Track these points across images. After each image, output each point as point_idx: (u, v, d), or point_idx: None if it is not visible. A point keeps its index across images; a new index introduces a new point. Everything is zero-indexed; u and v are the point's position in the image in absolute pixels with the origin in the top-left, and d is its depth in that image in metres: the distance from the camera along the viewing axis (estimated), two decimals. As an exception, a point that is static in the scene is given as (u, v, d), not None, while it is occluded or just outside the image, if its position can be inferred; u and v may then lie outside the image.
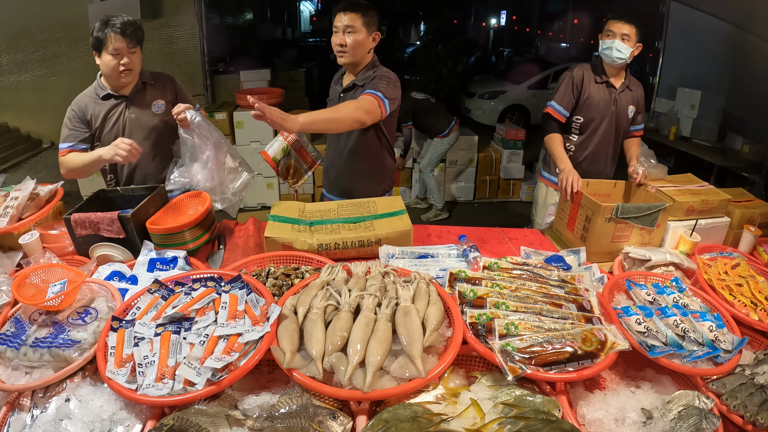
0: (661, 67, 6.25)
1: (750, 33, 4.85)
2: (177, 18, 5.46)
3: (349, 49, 1.83)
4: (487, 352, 1.07)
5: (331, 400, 1.03)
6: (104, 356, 1.06)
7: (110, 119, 1.86)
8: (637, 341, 1.15)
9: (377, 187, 2.05)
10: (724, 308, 1.35)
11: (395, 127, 2.05)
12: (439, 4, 10.07)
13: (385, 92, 1.76)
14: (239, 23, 8.96)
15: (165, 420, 0.93)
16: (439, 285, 1.28)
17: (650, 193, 1.86)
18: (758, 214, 1.84)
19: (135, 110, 1.89)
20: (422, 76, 7.65)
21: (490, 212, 5.01)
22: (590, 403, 1.07)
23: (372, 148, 1.97)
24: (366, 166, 2.01)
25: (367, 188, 2.01)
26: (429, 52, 8.23)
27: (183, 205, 1.78)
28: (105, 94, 1.85)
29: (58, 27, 5.48)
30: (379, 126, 1.90)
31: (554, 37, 14.35)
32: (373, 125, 1.85)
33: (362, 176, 2.02)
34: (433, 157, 4.52)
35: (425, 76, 7.61)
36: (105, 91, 1.86)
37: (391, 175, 2.11)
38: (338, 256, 1.63)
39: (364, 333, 1.06)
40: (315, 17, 16.88)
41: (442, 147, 4.47)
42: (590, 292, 1.30)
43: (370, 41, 1.87)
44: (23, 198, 1.64)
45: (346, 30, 1.81)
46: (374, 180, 2.04)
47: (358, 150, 1.97)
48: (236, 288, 1.21)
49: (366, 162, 2.00)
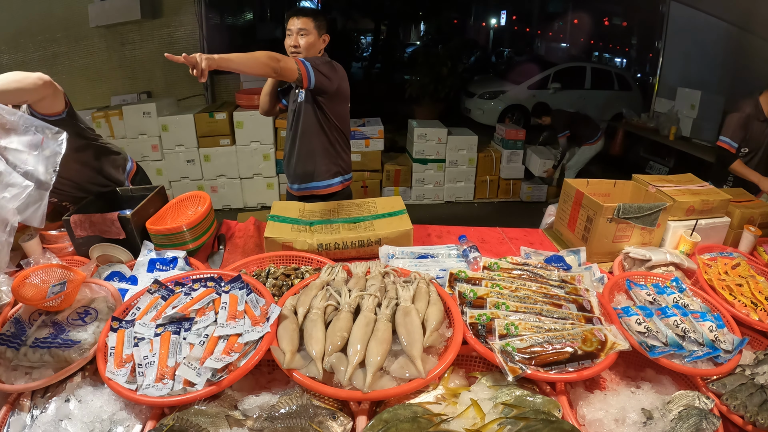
0: (661, 67, 6.25)
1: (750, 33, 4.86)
2: (177, 18, 5.45)
3: (302, 50, 1.99)
4: (487, 352, 1.07)
5: (331, 401, 1.03)
6: (104, 356, 1.06)
7: None
8: (637, 341, 1.15)
9: (330, 168, 2.19)
10: (724, 308, 1.35)
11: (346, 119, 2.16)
12: (439, 4, 10.04)
13: (314, 63, 1.88)
14: (239, 23, 8.95)
15: (165, 420, 0.93)
16: (439, 285, 1.28)
17: (650, 193, 1.86)
18: (758, 214, 1.84)
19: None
20: (422, 76, 7.64)
21: (490, 212, 5.01)
22: (590, 403, 1.07)
23: (319, 129, 2.09)
24: (315, 147, 2.13)
25: (320, 169, 2.17)
26: (429, 52, 8.21)
27: (183, 205, 1.78)
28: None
29: (58, 27, 5.47)
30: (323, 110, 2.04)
31: (554, 37, 14.33)
32: (319, 109, 2.02)
33: (314, 156, 2.15)
34: (579, 161, 5.01)
35: (425, 76, 7.60)
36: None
37: (345, 159, 2.23)
38: (338, 256, 1.63)
39: (364, 333, 1.06)
40: (315, 17, 16.86)
41: (590, 152, 4.96)
42: (590, 292, 1.30)
43: (320, 42, 2.05)
44: (23, 198, 1.63)
45: (300, 32, 1.98)
46: (326, 160, 2.16)
47: (307, 131, 2.11)
48: (236, 288, 1.21)
49: (315, 141, 2.12)
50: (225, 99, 5.49)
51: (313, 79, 1.87)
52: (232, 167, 4.64)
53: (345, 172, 2.25)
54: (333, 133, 2.12)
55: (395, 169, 4.92)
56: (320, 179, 2.19)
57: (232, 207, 4.78)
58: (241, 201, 4.81)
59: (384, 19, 12.19)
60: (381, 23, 12.51)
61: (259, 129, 4.50)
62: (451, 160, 4.94)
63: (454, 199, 5.14)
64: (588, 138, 4.89)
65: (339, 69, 2.00)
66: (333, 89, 1.97)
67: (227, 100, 5.37)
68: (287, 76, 1.79)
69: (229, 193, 4.74)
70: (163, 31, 5.45)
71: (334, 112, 2.06)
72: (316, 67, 1.87)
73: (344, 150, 2.22)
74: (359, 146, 4.70)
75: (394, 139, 5.53)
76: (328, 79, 1.92)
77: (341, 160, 2.21)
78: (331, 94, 1.99)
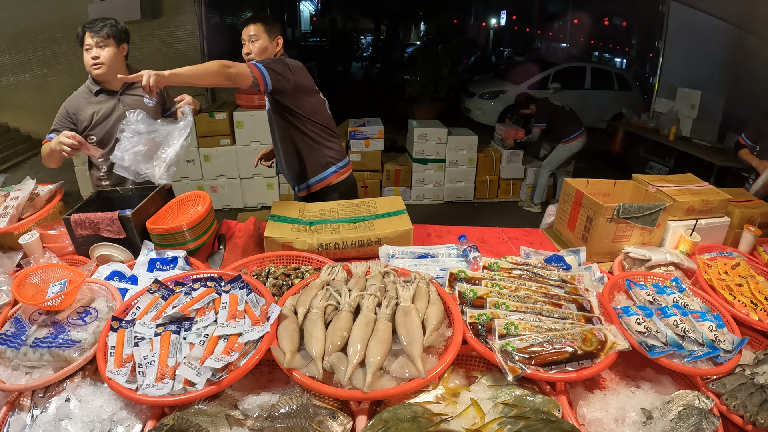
0: (661, 67, 6.26)
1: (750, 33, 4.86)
2: (177, 18, 5.46)
3: (255, 56, 2.03)
4: (487, 352, 1.07)
5: (331, 400, 1.03)
6: (104, 356, 1.06)
7: (102, 112, 1.93)
8: (637, 341, 1.15)
9: (318, 162, 2.16)
10: (724, 308, 1.35)
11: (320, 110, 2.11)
12: (439, 4, 10.05)
13: (266, 63, 1.83)
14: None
15: (165, 420, 0.93)
16: (439, 285, 1.28)
17: (650, 193, 1.86)
18: (758, 214, 1.84)
19: (128, 102, 1.96)
20: (422, 76, 7.64)
21: (490, 212, 5.01)
22: (590, 403, 1.07)
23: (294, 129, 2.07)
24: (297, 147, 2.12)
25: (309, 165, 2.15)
26: (429, 52, 8.23)
27: (183, 205, 1.78)
28: (97, 90, 1.94)
29: (58, 27, 5.48)
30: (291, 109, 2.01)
31: (554, 37, 14.35)
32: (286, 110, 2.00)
33: (299, 157, 2.14)
34: (553, 159, 4.78)
35: (425, 76, 7.60)
36: (97, 87, 1.94)
37: (333, 148, 2.19)
38: (338, 255, 1.63)
39: (364, 333, 1.06)
40: (315, 17, 16.90)
41: (564, 152, 4.71)
42: (590, 292, 1.30)
43: (273, 45, 2.07)
44: (23, 198, 1.64)
45: (251, 39, 2.03)
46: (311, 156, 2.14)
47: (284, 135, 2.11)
48: (236, 288, 1.21)
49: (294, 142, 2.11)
50: (225, 99, 5.50)
51: (269, 81, 1.80)
52: (232, 167, 4.64)
53: (336, 160, 2.19)
54: (309, 127, 2.07)
55: (395, 169, 4.92)
56: (313, 175, 2.16)
57: (232, 207, 4.78)
58: (241, 201, 4.81)
59: (384, 19, 12.21)
60: (381, 23, 12.53)
61: (259, 129, 4.50)
62: (451, 160, 4.94)
63: (454, 199, 5.14)
64: (564, 136, 4.62)
65: (294, 64, 1.95)
66: (291, 87, 1.91)
67: (227, 100, 5.37)
68: (241, 82, 1.75)
69: (229, 193, 4.74)
70: (163, 31, 5.45)
71: (303, 108, 2.02)
72: (269, 66, 1.81)
73: (328, 140, 2.15)
74: (359, 146, 4.70)
75: (394, 139, 5.54)
76: (283, 78, 1.86)
77: (329, 150, 2.16)
78: (291, 92, 1.93)
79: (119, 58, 1.92)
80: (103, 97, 1.94)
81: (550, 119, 4.67)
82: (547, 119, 4.67)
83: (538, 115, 4.71)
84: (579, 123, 4.66)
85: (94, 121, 1.92)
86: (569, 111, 4.69)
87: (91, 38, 1.83)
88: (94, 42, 1.84)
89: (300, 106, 2.01)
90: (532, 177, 5.10)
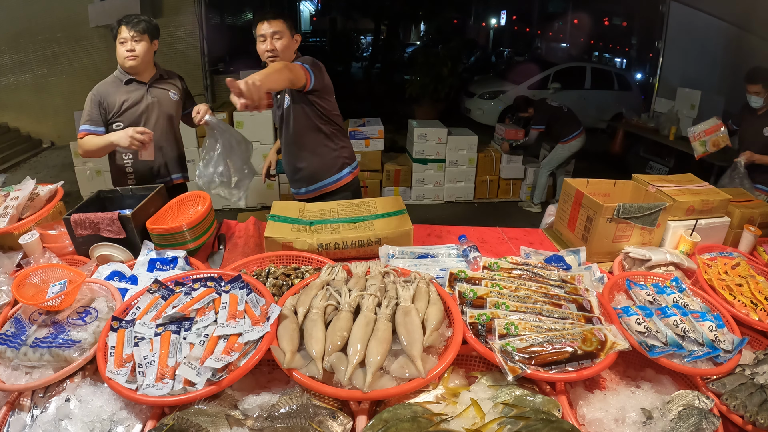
0: (661, 67, 6.26)
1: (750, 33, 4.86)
2: (177, 18, 5.46)
3: (279, 53, 1.97)
4: (487, 352, 1.07)
5: (331, 400, 1.03)
6: (104, 356, 1.06)
7: (131, 101, 2.04)
8: (637, 341, 1.15)
9: (335, 161, 2.18)
10: (724, 308, 1.35)
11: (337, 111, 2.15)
12: (439, 4, 10.05)
13: (311, 66, 1.92)
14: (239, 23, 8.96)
15: (165, 420, 0.93)
16: (439, 285, 1.28)
17: (650, 193, 1.86)
18: (758, 214, 1.84)
19: (156, 94, 2.10)
20: (422, 76, 7.64)
21: (490, 212, 5.01)
22: (590, 403, 1.07)
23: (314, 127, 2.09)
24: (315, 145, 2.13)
25: (326, 165, 2.16)
26: (429, 52, 8.22)
27: (183, 205, 1.78)
28: (127, 79, 2.04)
29: (58, 27, 5.48)
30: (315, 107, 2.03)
31: (554, 37, 14.35)
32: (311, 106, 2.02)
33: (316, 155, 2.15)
34: (552, 159, 4.80)
35: (425, 76, 7.60)
36: (127, 77, 2.04)
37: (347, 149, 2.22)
38: (338, 255, 1.63)
39: (364, 333, 1.06)
40: (315, 17, 16.89)
41: (564, 152, 4.72)
42: (590, 292, 1.30)
43: (294, 43, 2.04)
44: (23, 198, 1.64)
45: (274, 36, 1.96)
46: (329, 155, 2.16)
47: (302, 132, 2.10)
48: (236, 288, 1.21)
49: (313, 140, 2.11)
50: (225, 99, 5.49)
51: (313, 80, 1.89)
52: (232, 167, 4.64)
53: (351, 161, 2.24)
54: (328, 127, 2.11)
55: (395, 169, 4.92)
56: (329, 175, 2.18)
57: (232, 207, 4.78)
58: (241, 201, 4.81)
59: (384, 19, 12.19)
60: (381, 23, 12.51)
61: (259, 129, 4.50)
62: (451, 160, 4.94)
63: (454, 199, 5.14)
64: (563, 136, 4.64)
65: (322, 65, 2.03)
66: (323, 86, 1.99)
67: (227, 100, 5.37)
68: (298, 83, 1.82)
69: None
70: (163, 31, 5.44)
71: (327, 106, 2.07)
72: (312, 66, 1.90)
73: (343, 141, 2.20)
74: (359, 146, 4.70)
75: (394, 139, 5.54)
76: (321, 78, 1.95)
77: (345, 150, 2.21)
78: (322, 90, 2.01)
79: (150, 53, 2.04)
80: (133, 86, 2.04)
81: (548, 121, 4.68)
82: (545, 121, 4.68)
83: (536, 118, 4.72)
84: (578, 123, 4.66)
85: (123, 108, 2.01)
86: (567, 111, 4.69)
87: (128, 32, 1.93)
88: (130, 36, 1.94)
89: (325, 103, 2.06)
90: (532, 177, 5.10)
